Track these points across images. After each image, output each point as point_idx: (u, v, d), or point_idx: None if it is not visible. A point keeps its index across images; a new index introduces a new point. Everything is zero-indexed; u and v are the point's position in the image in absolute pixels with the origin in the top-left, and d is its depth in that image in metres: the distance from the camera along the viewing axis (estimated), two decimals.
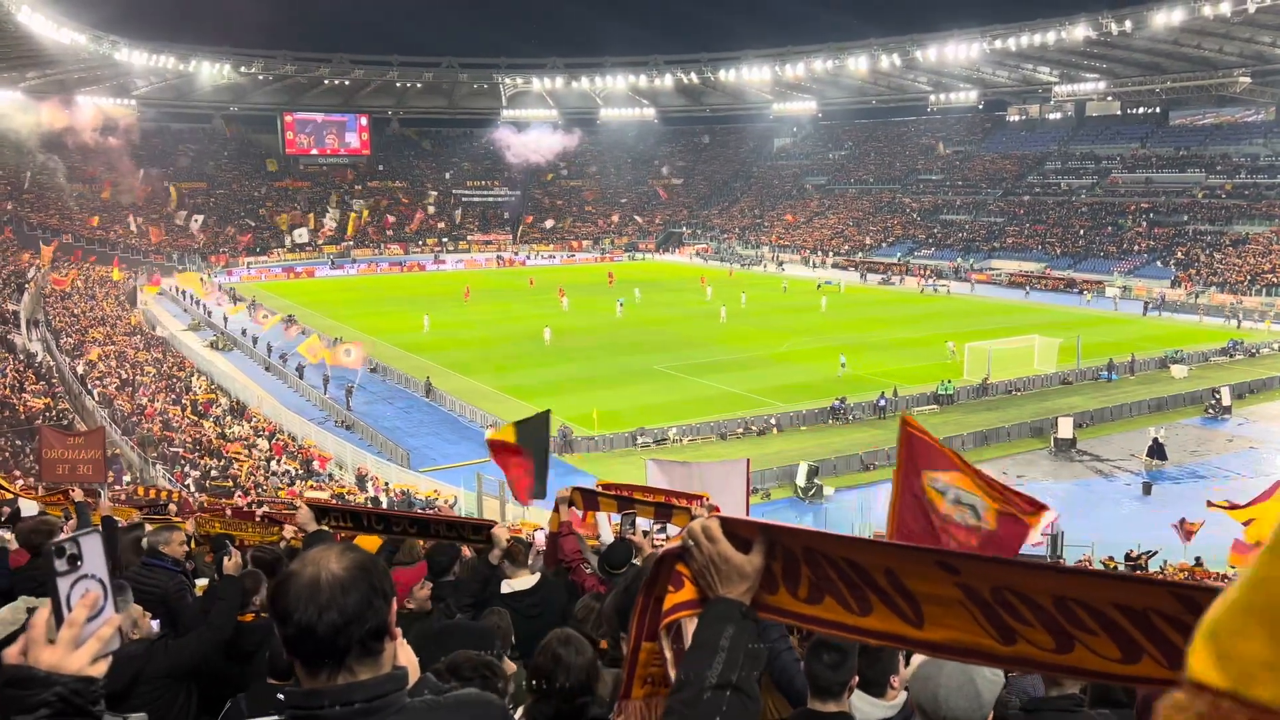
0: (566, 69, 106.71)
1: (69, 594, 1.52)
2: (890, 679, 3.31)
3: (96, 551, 1.55)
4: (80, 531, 1.56)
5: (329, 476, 30.15)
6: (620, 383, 39.26)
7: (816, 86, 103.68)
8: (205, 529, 9.40)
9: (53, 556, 1.52)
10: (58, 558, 1.52)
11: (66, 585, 1.52)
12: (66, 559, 1.52)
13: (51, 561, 1.52)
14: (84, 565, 1.53)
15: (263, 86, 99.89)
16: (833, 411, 34.12)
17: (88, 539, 1.55)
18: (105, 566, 1.57)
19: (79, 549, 1.53)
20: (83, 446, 12.45)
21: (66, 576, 1.52)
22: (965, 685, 2.52)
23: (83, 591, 1.52)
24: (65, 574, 1.52)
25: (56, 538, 1.55)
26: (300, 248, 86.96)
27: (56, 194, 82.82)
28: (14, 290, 54.04)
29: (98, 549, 1.56)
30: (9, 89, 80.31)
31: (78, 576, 1.53)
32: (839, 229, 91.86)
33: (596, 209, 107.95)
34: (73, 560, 1.52)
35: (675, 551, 1.63)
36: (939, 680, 2.52)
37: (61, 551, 1.52)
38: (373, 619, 1.57)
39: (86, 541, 1.54)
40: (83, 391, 36.41)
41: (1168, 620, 1.23)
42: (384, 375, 42.45)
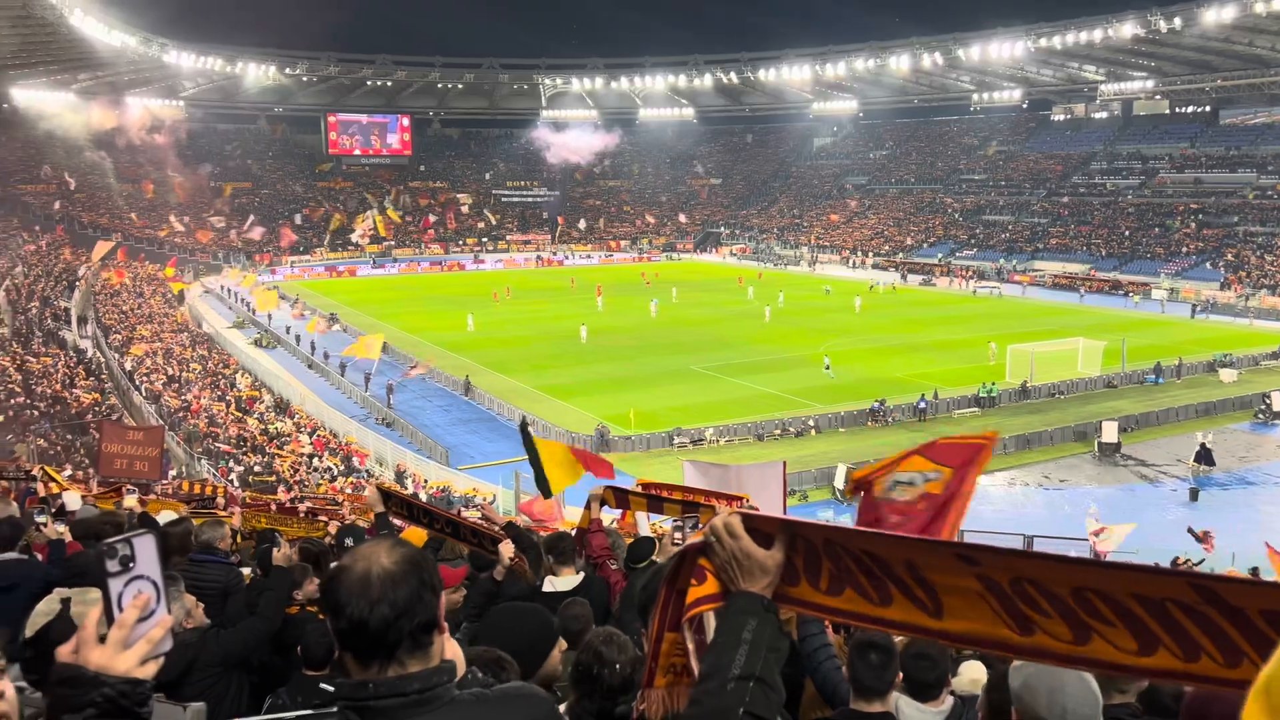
0: (606, 69, 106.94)
1: (120, 594, 1.51)
2: (948, 684, 3.32)
3: (149, 553, 1.55)
4: (133, 533, 1.56)
5: (369, 473, 30.48)
6: (657, 383, 39.26)
7: (857, 86, 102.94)
8: (251, 523, 9.58)
9: (104, 557, 1.52)
10: (109, 558, 1.52)
11: (118, 586, 1.51)
12: (119, 559, 1.52)
13: (103, 562, 1.51)
14: (136, 566, 1.53)
15: (307, 88, 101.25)
16: (872, 413, 33.87)
17: (140, 540, 1.55)
18: (158, 568, 1.56)
19: (131, 550, 1.53)
20: (141, 443, 12.69)
21: (118, 577, 1.51)
22: (1086, 694, 2.51)
23: (135, 593, 1.52)
24: (117, 574, 1.51)
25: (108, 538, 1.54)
26: (345, 246, 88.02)
27: (106, 193, 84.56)
28: (65, 288, 55.29)
29: (151, 550, 1.55)
30: (62, 90, 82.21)
31: (130, 577, 1.52)
32: (879, 229, 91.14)
33: (635, 209, 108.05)
34: (125, 561, 1.52)
35: (698, 546, 1.67)
36: (1065, 690, 2.50)
37: (114, 552, 1.52)
38: (423, 613, 1.61)
39: (139, 542, 1.54)
40: (131, 387, 37.16)
41: (1184, 610, 1.24)
42: (426, 373, 42.80)
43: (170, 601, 1.58)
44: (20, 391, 31.77)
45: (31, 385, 32.85)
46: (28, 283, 52.75)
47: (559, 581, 5.01)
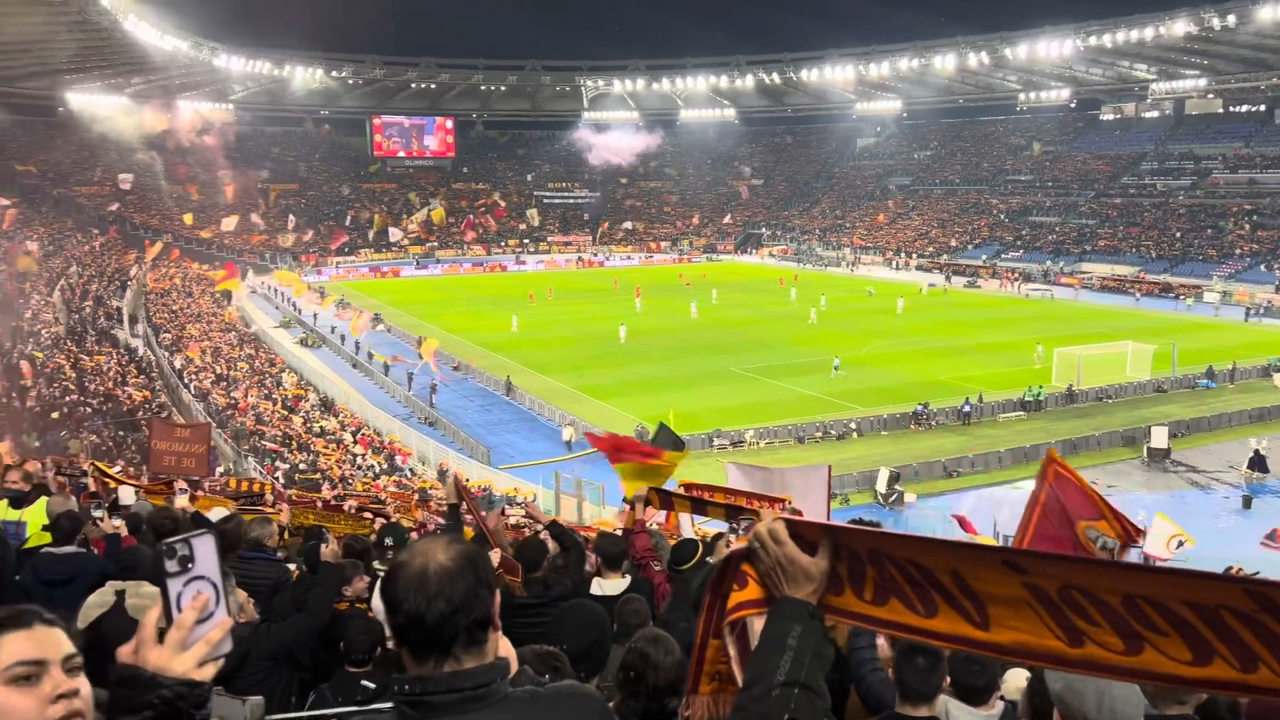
0: (648, 70, 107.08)
1: (179, 595, 1.50)
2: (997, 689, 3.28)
3: (209, 553, 1.53)
4: (192, 533, 1.55)
5: (411, 471, 30.81)
6: (696, 384, 39.20)
7: (901, 86, 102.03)
8: (299, 520, 9.73)
9: (163, 557, 1.50)
10: (168, 558, 1.50)
11: (177, 586, 1.50)
12: (178, 560, 1.50)
13: (162, 562, 1.50)
14: (195, 567, 1.51)
15: (353, 90, 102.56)
16: (915, 416, 33.54)
17: (200, 540, 1.53)
18: (218, 569, 1.54)
19: (191, 550, 1.51)
20: (189, 440, 12.95)
21: (178, 577, 1.50)
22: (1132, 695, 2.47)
23: (194, 593, 1.50)
24: (176, 575, 1.50)
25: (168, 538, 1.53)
26: (389, 247, 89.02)
27: (158, 195, 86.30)
28: (118, 287, 56.54)
29: (210, 551, 1.53)
30: (116, 94, 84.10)
31: (189, 578, 1.51)
32: (923, 230, 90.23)
33: (675, 210, 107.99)
34: (184, 561, 1.50)
35: (742, 552, 1.66)
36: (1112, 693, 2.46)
37: (173, 552, 1.50)
38: (478, 609, 1.63)
39: (199, 543, 1.52)
40: (180, 385, 37.89)
41: (1240, 618, 1.20)
42: (465, 373, 43.18)
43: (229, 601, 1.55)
44: (74, 389, 32.52)
45: (85, 383, 33.62)
46: (82, 282, 54.04)
47: (607, 585, 5.03)
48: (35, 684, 1.52)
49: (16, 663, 1.51)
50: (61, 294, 48.47)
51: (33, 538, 6.60)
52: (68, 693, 1.53)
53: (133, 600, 4.49)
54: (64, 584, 5.36)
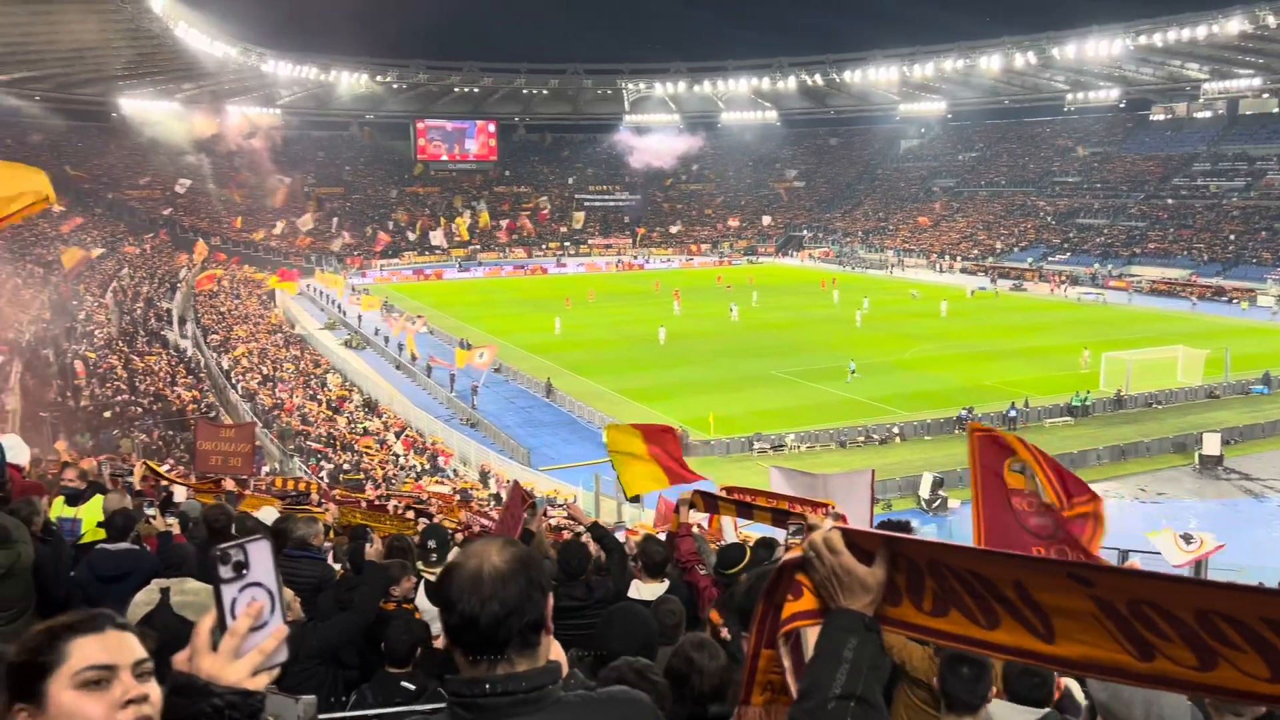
0: (689, 73, 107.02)
1: (233, 602, 1.46)
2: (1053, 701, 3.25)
3: (265, 560, 1.50)
4: (248, 538, 1.51)
5: (454, 472, 31.05)
6: (737, 387, 39.06)
7: (946, 87, 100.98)
8: (345, 519, 9.85)
9: (217, 562, 1.47)
10: (222, 564, 1.47)
11: (231, 592, 1.47)
12: (232, 566, 1.47)
13: (216, 568, 1.47)
14: (250, 573, 1.48)
15: (397, 95, 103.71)
16: (959, 421, 33.10)
17: (256, 546, 1.49)
18: (274, 576, 1.50)
19: (245, 556, 1.48)
20: (234, 440, 13.16)
21: (232, 584, 1.47)
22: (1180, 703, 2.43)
23: (248, 600, 1.47)
24: (230, 581, 1.47)
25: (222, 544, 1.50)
26: (432, 250, 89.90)
27: (207, 198, 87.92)
28: (168, 289, 57.68)
29: (266, 557, 1.50)
30: (167, 100, 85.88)
31: (244, 584, 1.47)
32: (968, 232, 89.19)
33: (716, 212, 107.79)
34: (239, 567, 1.47)
35: (796, 561, 1.63)
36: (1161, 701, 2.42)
37: (227, 558, 1.47)
38: (532, 612, 1.63)
39: (254, 549, 1.49)
40: (228, 386, 38.54)
41: None
42: (506, 375, 43.44)
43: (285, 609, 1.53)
44: (126, 389, 33.23)
45: (136, 383, 34.33)
46: (133, 285, 55.21)
47: (644, 589, 5.02)
48: (106, 689, 1.51)
49: (87, 667, 1.51)
50: (114, 296, 49.54)
51: (88, 534, 6.75)
52: (137, 698, 1.52)
53: (178, 598, 4.57)
54: (118, 580, 5.48)
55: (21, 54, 62.47)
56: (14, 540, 5.41)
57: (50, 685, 1.50)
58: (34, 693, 1.51)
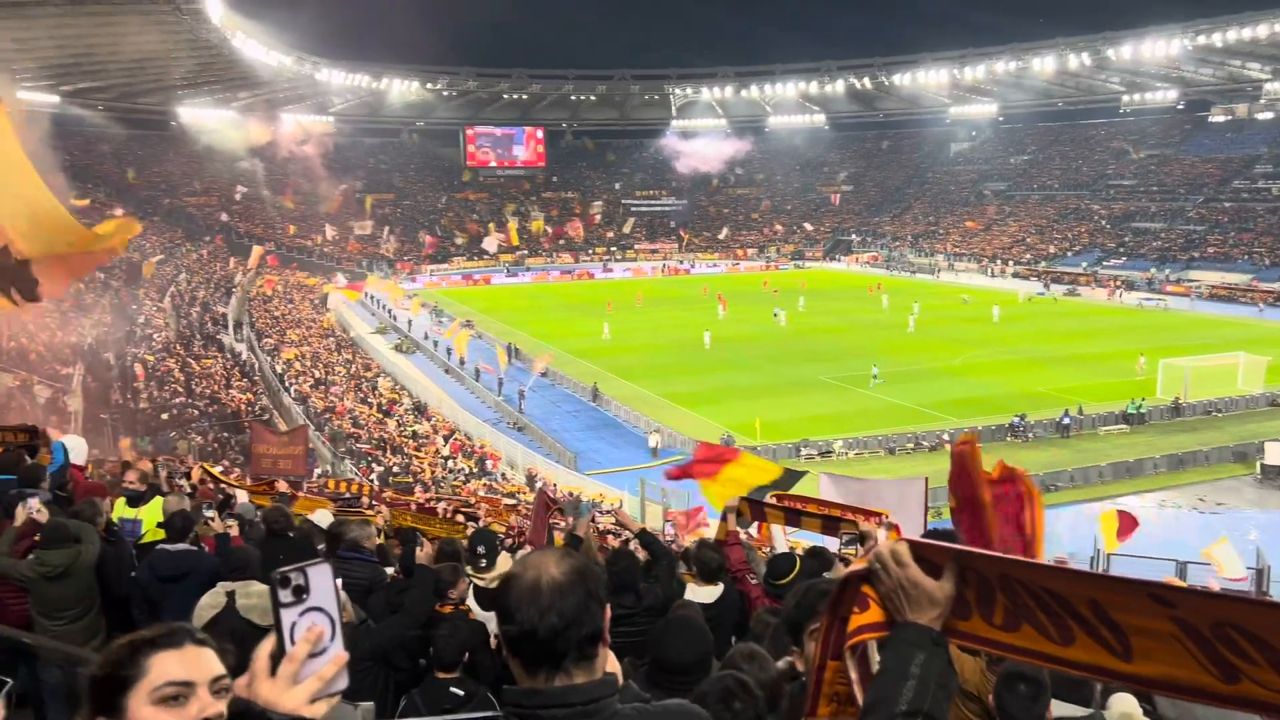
0: (736, 78, 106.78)
1: (293, 626, 1.44)
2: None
3: (326, 584, 1.46)
4: (308, 562, 1.48)
5: (501, 476, 31.27)
6: (783, 392, 38.84)
7: (997, 89, 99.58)
8: (396, 522, 9.97)
9: (277, 586, 1.44)
10: (282, 588, 1.44)
11: (291, 617, 1.44)
12: (291, 590, 1.44)
13: (275, 591, 1.44)
14: (310, 598, 1.45)
15: (447, 102, 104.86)
16: (1011, 428, 32.63)
17: (316, 570, 1.46)
18: (335, 600, 1.47)
19: (306, 580, 1.45)
20: (288, 443, 13.43)
21: (291, 608, 1.44)
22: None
23: (308, 625, 1.44)
24: (290, 605, 1.44)
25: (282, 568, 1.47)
26: (481, 255, 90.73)
27: (261, 205, 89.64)
28: (223, 294, 58.87)
29: (327, 581, 1.46)
30: (224, 108, 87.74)
31: (304, 609, 1.44)
32: (1020, 237, 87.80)
33: (763, 217, 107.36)
34: (298, 591, 1.44)
35: (861, 573, 1.61)
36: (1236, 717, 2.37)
37: (286, 581, 1.44)
38: (589, 624, 1.63)
39: (315, 572, 1.46)
40: (281, 389, 39.21)
41: None
42: (553, 380, 43.65)
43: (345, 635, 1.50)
44: (183, 392, 33.97)
45: (193, 386, 35.07)
46: (190, 289, 56.43)
47: (700, 593, 5.01)
48: (182, 705, 1.51)
49: (166, 683, 1.51)
50: (171, 300, 50.68)
51: (148, 534, 6.92)
52: (213, 716, 1.52)
53: (243, 601, 4.67)
54: (177, 580, 5.61)
55: (87, 65, 64.28)
56: (74, 540, 5.56)
57: (130, 700, 1.51)
58: (114, 707, 1.51)
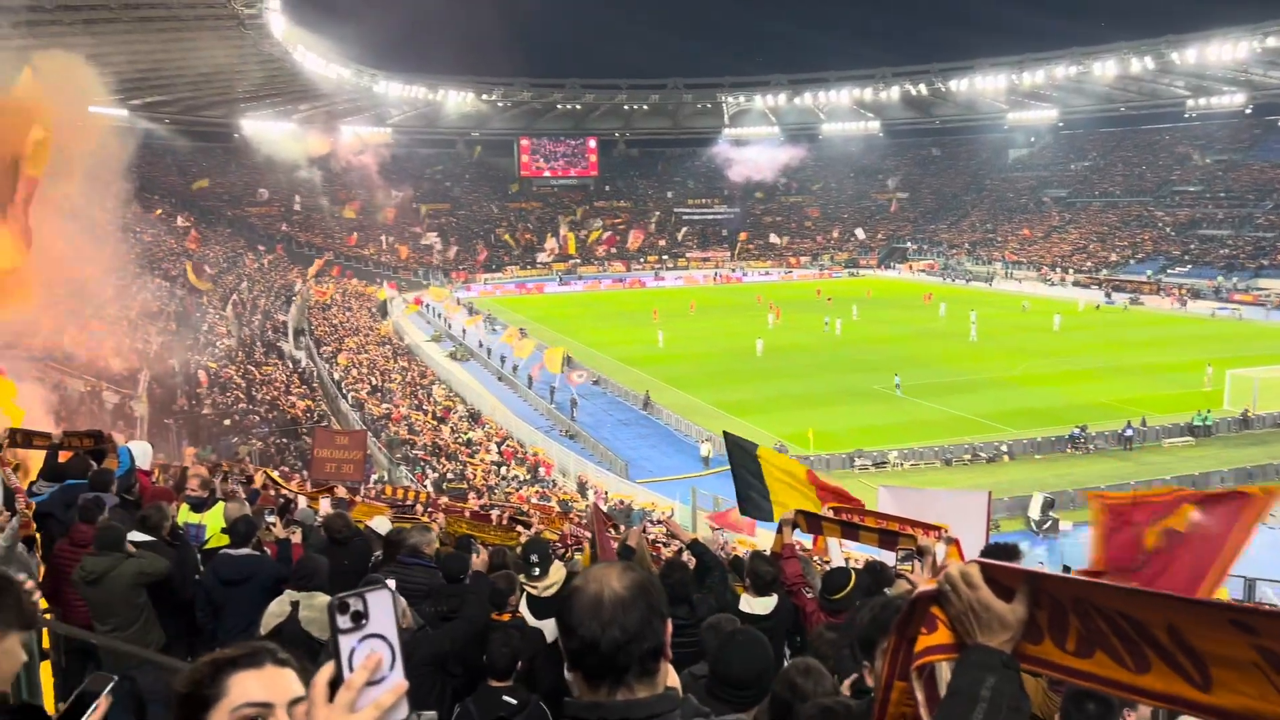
0: (790, 85, 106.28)
1: (351, 653, 1.40)
2: None
3: (386, 610, 1.43)
4: (368, 587, 1.46)
5: (553, 483, 31.43)
6: (837, 401, 38.50)
7: (1057, 94, 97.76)
8: (452, 529, 10.06)
9: (335, 612, 1.42)
10: (340, 613, 1.41)
11: (349, 643, 1.40)
12: (350, 615, 1.41)
13: (334, 617, 1.42)
14: (370, 624, 1.42)
15: (502, 113, 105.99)
16: (1071, 440, 31.95)
17: (376, 595, 1.43)
18: (395, 627, 1.44)
19: (365, 606, 1.42)
20: (347, 447, 13.64)
21: (350, 634, 1.41)
22: None
23: (366, 652, 1.40)
24: (348, 631, 1.41)
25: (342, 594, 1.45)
26: (534, 264, 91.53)
27: (321, 215, 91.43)
28: (283, 302, 60.10)
29: (387, 608, 1.43)
30: (285, 120, 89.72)
31: (363, 635, 1.41)
32: (1081, 244, 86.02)
33: (816, 225, 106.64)
34: (357, 617, 1.41)
35: (931, 593, 1.58)
36: None
37: (345, 607, 1.41)
38: (651, 638, 1.63)
39: (374, 598, 1.43)
40: (339, 395, 39.88)
41: None
42: (605, 388, 43.78)
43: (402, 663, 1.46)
44: (244, 398, 34.71)
45: (254, 392, 35.83)
46: (251, 298, 57.70)
47: (755, 604, 4.98)
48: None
49: (245, 704, 1.52)
50: (233, 308, 51.86)
51: (212, 539, 7.07)
52: None
53: (305, 613, 4.75)
54: (240, 584, 5.72)
55: (155, 79, 66.15)
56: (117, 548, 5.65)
57: (211, 718, 1.52)
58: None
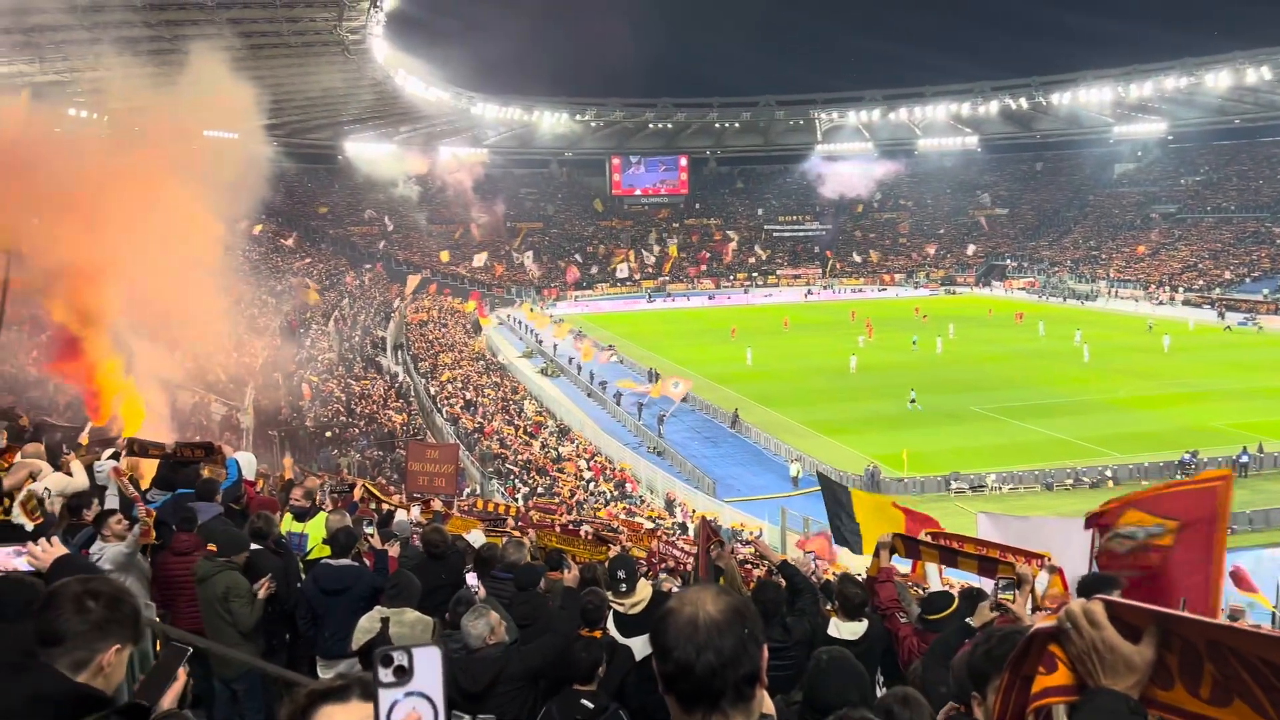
0: (884, 100, 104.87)
1: (391, 708, 1.37)
2: None
3: (433, 667, 1.39)
4: (418, 644, 1.43)
5: (640, 500, 31.46)
6: (932, 422, 37.62)
7: (1166, 106, 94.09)
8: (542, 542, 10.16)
9: (378, 664, 1.39)
10: (384, 666, 1.38)
11: (390, 697, 1.37)
12: (394, 670, 1.38)
13: (377, 670, 1.39)
14: (413, 681, 1.38)
15: (594, 133, 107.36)
16: (1181, 466, 30.50)
17: (424, 653, 1.40)
18: (440, 685, 1.40)
19: (410, 662, 1.38)
20: (440, 460, 13.93)
21: (392, 688, 1.38)
22: None
23: (406, 710, 1.37)
24: (390, 685, 1.38)
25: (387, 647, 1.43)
26: (622, 282, 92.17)
27: (418, 234, 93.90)
28: (382, 319, 61.80)
29: (434, 665, 1.40)
30: (386, 142, 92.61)
31: (406, 691, 1.38)
32: (1191, 262, 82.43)
33: (911, 241, 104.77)
34: (401, 672, 1.38)
35: (1049, 631, 1.50)
36: None
37: (389, 660, 1.39)
38: (747, 664, 1.60)
39: (421, 655, 1.40)
40: (434, 410, 40.74)
41: None
42: (693, 405, 43.69)
43: None
44: (344, 411, 35.75)
45: (353, 406, 36.87)
46: (352, 314, 59.50)
47: (844, 628, 4.89)
48: None
49: None
50: (335, 324, 53.54)
51: (313, 549, 7.28)
52: None
53: (394, 629, 4.85)
54: (339, 593, 5.87)
55: (265, 104, 69.04)
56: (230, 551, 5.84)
57: None
58: None
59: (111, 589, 2.26)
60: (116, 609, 2.21)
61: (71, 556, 3.44)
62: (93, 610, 2.16)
